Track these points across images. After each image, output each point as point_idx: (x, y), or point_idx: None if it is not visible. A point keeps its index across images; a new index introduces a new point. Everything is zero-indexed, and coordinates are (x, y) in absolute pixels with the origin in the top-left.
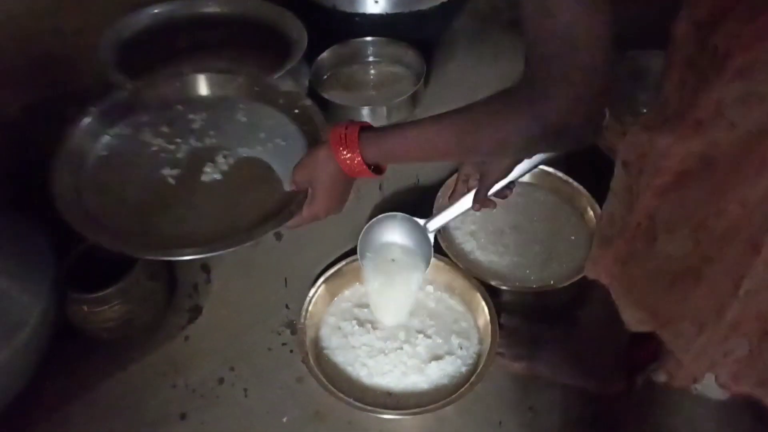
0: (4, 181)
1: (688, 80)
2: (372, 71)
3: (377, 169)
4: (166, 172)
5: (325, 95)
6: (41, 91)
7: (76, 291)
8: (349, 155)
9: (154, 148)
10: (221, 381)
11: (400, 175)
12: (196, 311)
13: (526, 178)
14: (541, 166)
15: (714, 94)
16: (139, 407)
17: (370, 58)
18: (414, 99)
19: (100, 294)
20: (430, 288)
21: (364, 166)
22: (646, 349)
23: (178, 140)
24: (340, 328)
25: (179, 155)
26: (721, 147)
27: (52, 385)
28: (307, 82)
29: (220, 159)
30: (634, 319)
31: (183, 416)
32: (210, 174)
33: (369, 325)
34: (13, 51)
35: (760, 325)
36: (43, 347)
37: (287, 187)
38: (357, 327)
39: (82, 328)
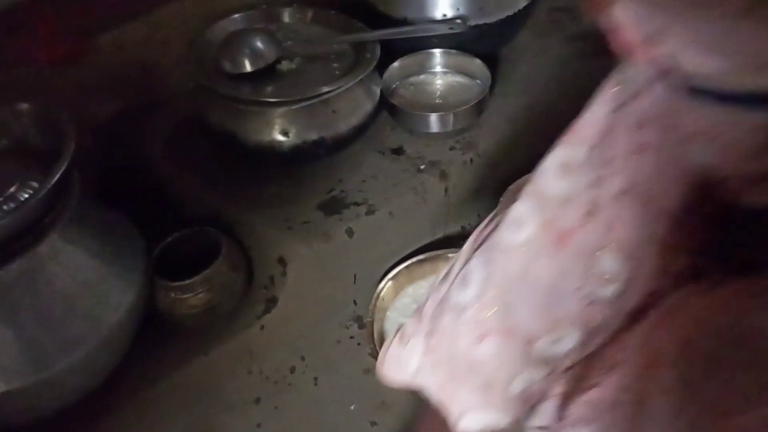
0: (96, 179)
1: None
2: (438, 81)
3: None
4: None
5: (395, 102)
6: (130, 99)
7: (165, 279)
8: None
9: None
10: (293, 369)
11: (468, 177)
12: (272, 302)
13: None
14: None
15: None
16: (218, 391)
17: (437, 69)
18: (479, 107)
19: (187, 282)
20: None
21: None
22: None
23: None
24: (401, 324)
25: None
26: None
27: (139, 367)
28: (378, 90)
29: None
30: None
31: (257, 401)
32: None
33: None
34: (104, 59)
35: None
36: (134, 330)
37: None
38: None
39: (169, 314)
